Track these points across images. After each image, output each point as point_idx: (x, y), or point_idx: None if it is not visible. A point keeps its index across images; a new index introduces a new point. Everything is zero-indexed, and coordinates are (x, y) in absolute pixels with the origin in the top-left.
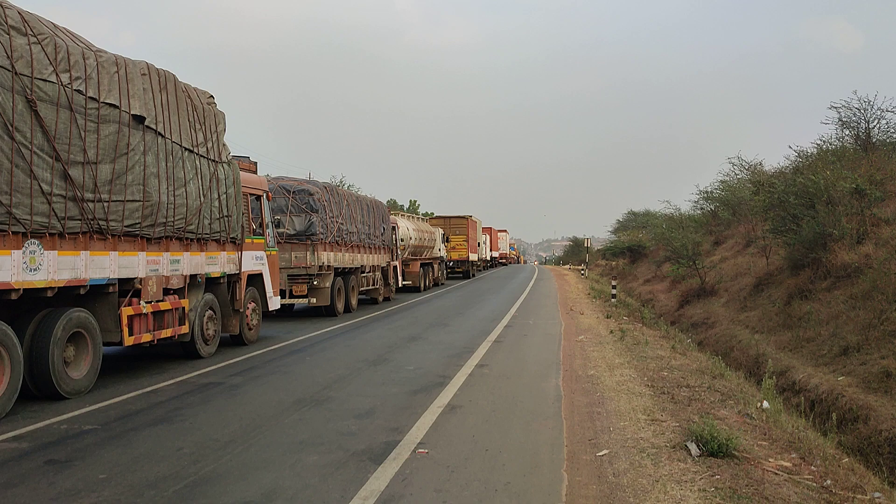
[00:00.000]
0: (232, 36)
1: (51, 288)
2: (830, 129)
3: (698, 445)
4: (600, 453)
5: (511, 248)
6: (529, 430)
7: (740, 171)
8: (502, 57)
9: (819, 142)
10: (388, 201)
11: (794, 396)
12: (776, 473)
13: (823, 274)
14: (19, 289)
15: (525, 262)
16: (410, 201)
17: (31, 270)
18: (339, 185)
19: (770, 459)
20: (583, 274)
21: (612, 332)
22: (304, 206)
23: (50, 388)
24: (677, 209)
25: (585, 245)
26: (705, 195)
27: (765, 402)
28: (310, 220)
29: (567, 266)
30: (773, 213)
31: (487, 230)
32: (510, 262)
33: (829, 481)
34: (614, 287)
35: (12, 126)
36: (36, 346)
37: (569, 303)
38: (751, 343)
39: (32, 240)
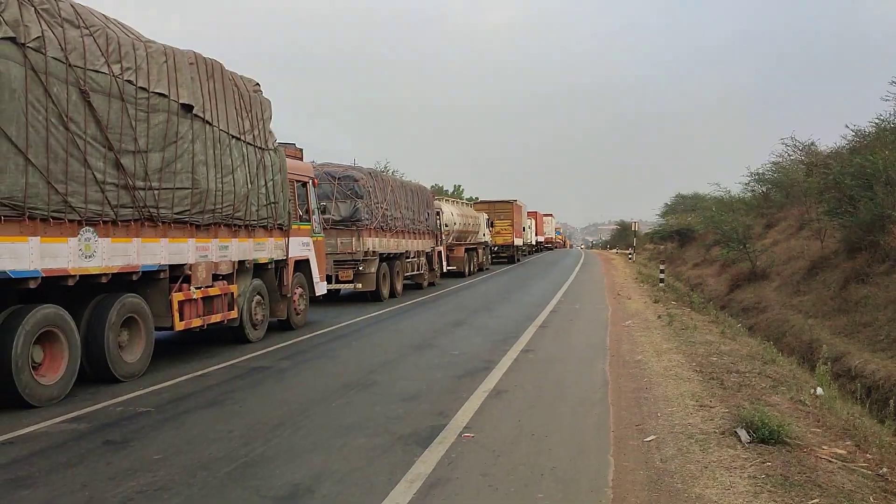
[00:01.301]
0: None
1: (105, 274)
2: (891, 106)
3: (748, 432)
4: (647, 439)
5: (556, 232)
6: (576, 415)
7: (793, 151)
8: (549, 38)
9: (878, 120)
10: (432, 187)
11: (849, 383)
12: (830, 461)
13: (881, 257)
14: (76, 275)
15: (571, 246)
16: (455, 186)
17: (86, 257)
18: (383, 171)
19: (824, 447)
20: (630, 258)
21: (659, 316)
22: (349, 192)
23: (105, 372)
24: (727, 192)
25: (633, 229)
26: (757, 177)
27: (819, 388)
28: (355, 206)
29: (614, 250)
30: (829, 195)
31: (532, 214)
32: (556, 247)
33: (885, 469)
34: (662, 271)
35: (67, 117)
36: (92, 331)
37: (616, 287)
38: (804, 328)
39: (87, 227)
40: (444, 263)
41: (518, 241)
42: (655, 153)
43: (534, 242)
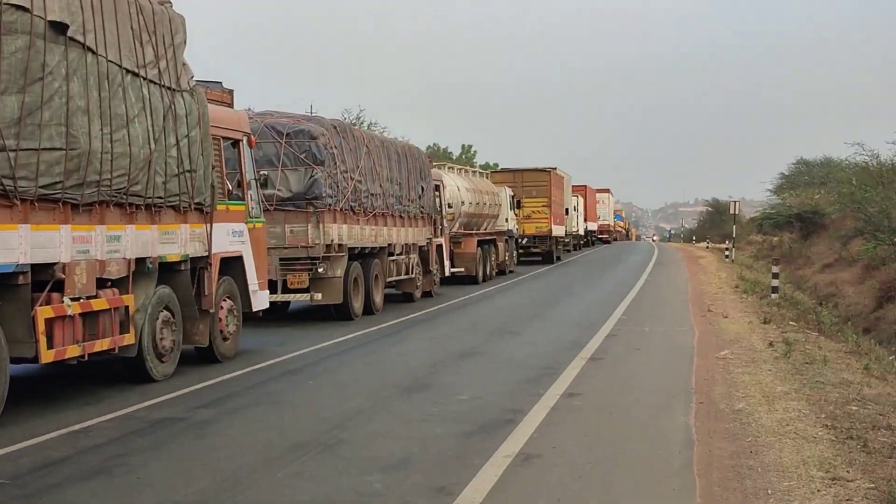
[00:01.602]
0: None
1: None
2: None
3: None
4: None
5: (617, 216)
6: (643, 495)
7: None
8: None
9: None
10: (428, 149)
11: None
12: None
13: None
14: None
15: (638, 237)
16: (463, 147)
17: None
18: (354, 125)
19: None
20: (727, 256)
21: (771, 344)
22: (303, 156)
23: None
24: (874, 155)
25: (732, 212)
26: None
27: None
28: (312, 176)
29: (703, 244)
30: None
31: (580, 190)
32: (615, 238)
33: None
34: (776, 276)
35: None
36: None
37: (706, 300)
38: None
39: None
40: (447, 263)
41: (558, 230)
42: (765, 109)
43: (582, 232)
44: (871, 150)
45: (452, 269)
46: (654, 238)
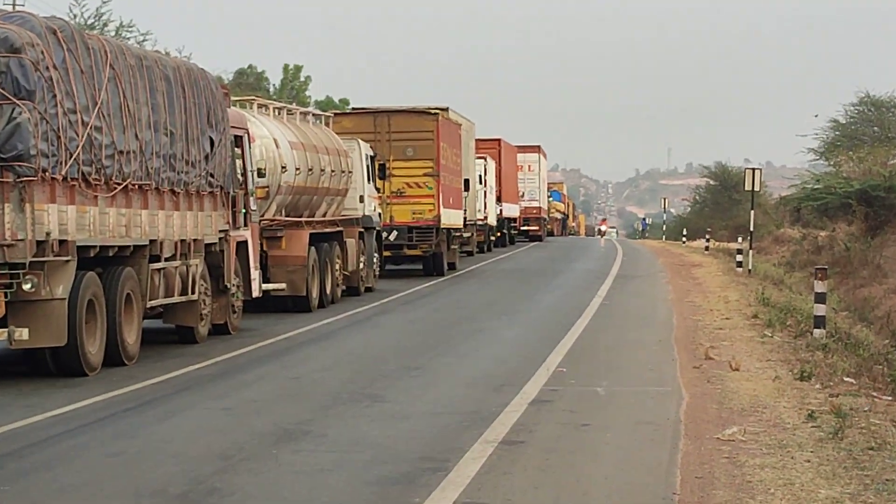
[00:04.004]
0: None
1: None
2: None
3: None
4: None
5: (553, 194)
6: None
7: None
8: None
9: None
10: (226, 76)
11: None
12: None
13: None
14: None
15: (599, 231)
16: (287, 70)
17: None
18: (92, 30)
19: None
20: (740, 264)
21: (812, 416)
22: None
23: None
24: None
25: (749, 186)
26: None
27: None
28: (12, 118)
29: (701, 241)
30: None
31: (490, 147)
32: (550, 230)
33: None
34: (822, 299)
35: None
36: None
37: (702, 339)
38: None
39: None
40: (257, 275)
41: (452, 217)
42: (801, 19)
43: (493, 220)
44: None
45: (265, 287)
46: (610, 231)
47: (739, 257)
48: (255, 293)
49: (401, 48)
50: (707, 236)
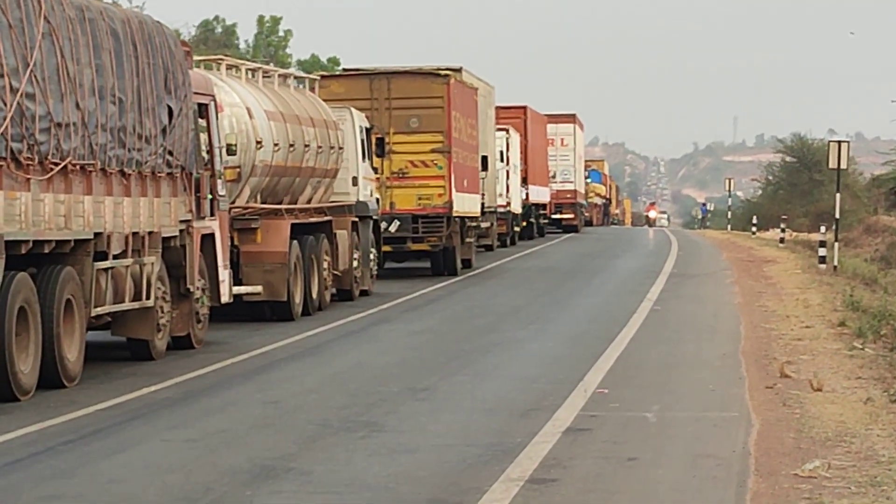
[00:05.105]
0: None
1: None
2: None
3: None
4: None
5: (592, 174)
6: None
7: None
8: None
9: None
10: (189, 32)
11: None
12: None
13: None
14: None
15: (649, 220)
16: (262, 22)
17: None
18: None
19: None
20: (823, 260)
21: None
22: None
23: None
24: None
25: (833, 164)
26: None
27: None
28: None
29: (775, 232)
30: None
31: (514, 116)
32: (588, 219)
33: None
34: None
35: None
36: None
37: (776, 353)
38: None
39: None
40: (227, 275)
41: (466, 203)
42: None
43: (518, 207)
44: None
45: (237, 290)
46: (651, 215)
47: (822, 251)
48: (225, 298)
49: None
50: (782, 225)
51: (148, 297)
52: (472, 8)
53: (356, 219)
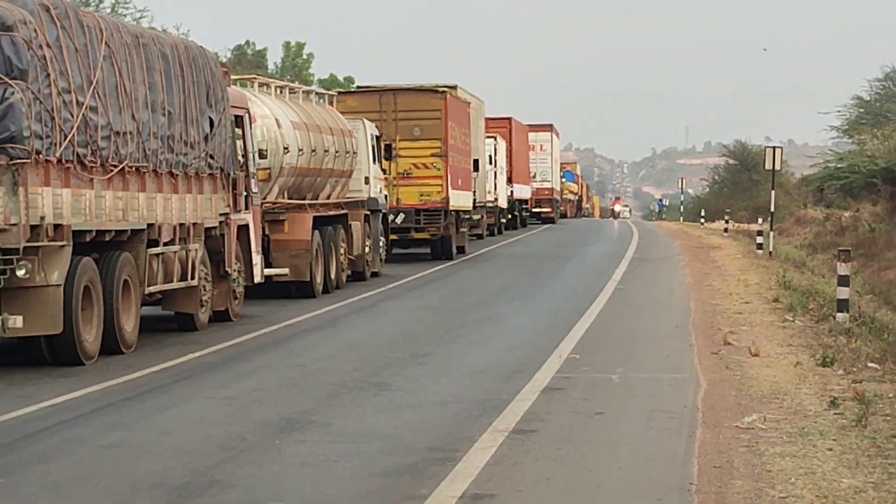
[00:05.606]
0: None
1: None
2: None
3: None
4: None
5: (566, 175)
6: None
7: None
8: None
9: None
10: (225, 55)
11: None
12: None
13: None
14: None
15: (614, 213)
16: (288, 47)
17: None
18: (87, 7)
19: None
20: (761, 246)
21: (833, 402)
22: None
23: None
24: None
25: (769, 166)
26: None
27: None
28: (4, 98)
29: (720, 223)
30: None
31: (500, 126)
32: (563, 212)
33: None
34: (845, 282)
35: None
36: None
37: (721, 324)
38: None
39: None
40: (259, 260)
41: (461, 199)
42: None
43: (504, 202)
44: None
45: (267, 272)
46: (626, 214)
47: (760, 239)
48: (257, 278)
49: (408, 23)
50: (726, 217)
51: (193, 278)
52: (468, 34)
53: (368, 212)
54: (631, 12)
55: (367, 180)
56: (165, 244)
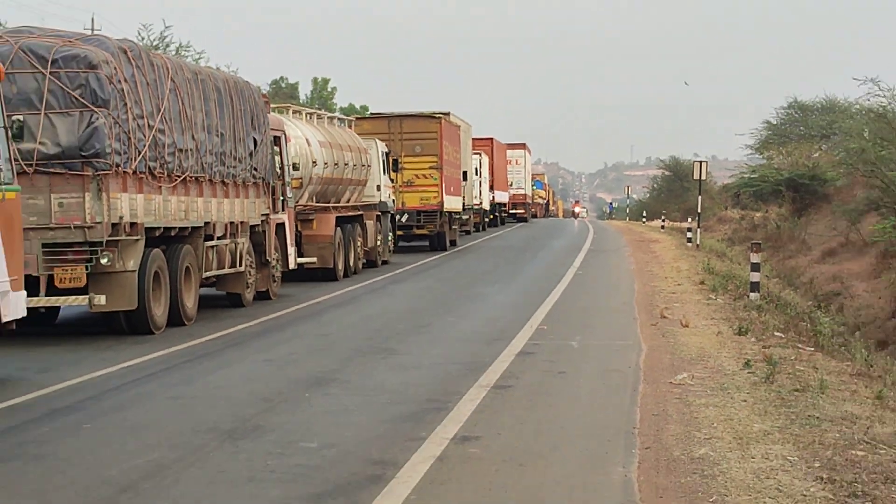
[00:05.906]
0: None
1: None
2: None
3: None
4: None
5: (536, 183)
6: None
7: None
8: None
9: None
10: (265, 86)
11: None
12: None
13: None
14: None
15: (574, 213)
16: (316, 82)
17: None
18: (156, 49)
19: None
20: (690, 240)
21: (748, 364)
22: (76, 94)
23: None
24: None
25: (697, 176)
26: None
27: None
28: (90, 123)
29: (658, 222)
30: None
31: (484, 145)
32: (534, 213)
33: None
34: (757, 268)
35: None
36: None
37: (658, 302)
38: None
39: None
40: (293, 251)
41: (453, 203)
42: (742, 30)
43: (487, 205)
44: (891, 90)
45: (300, 260)
46: (584, 214)
47: (689, 234)
48: (292, 265)
49: (411, 61)
50: (663, 217)
51: (240, 265)
52: (461, 69)
53: (379, 213)
54: (595, 58)
55: (378, 188)
56: (219, 238)
